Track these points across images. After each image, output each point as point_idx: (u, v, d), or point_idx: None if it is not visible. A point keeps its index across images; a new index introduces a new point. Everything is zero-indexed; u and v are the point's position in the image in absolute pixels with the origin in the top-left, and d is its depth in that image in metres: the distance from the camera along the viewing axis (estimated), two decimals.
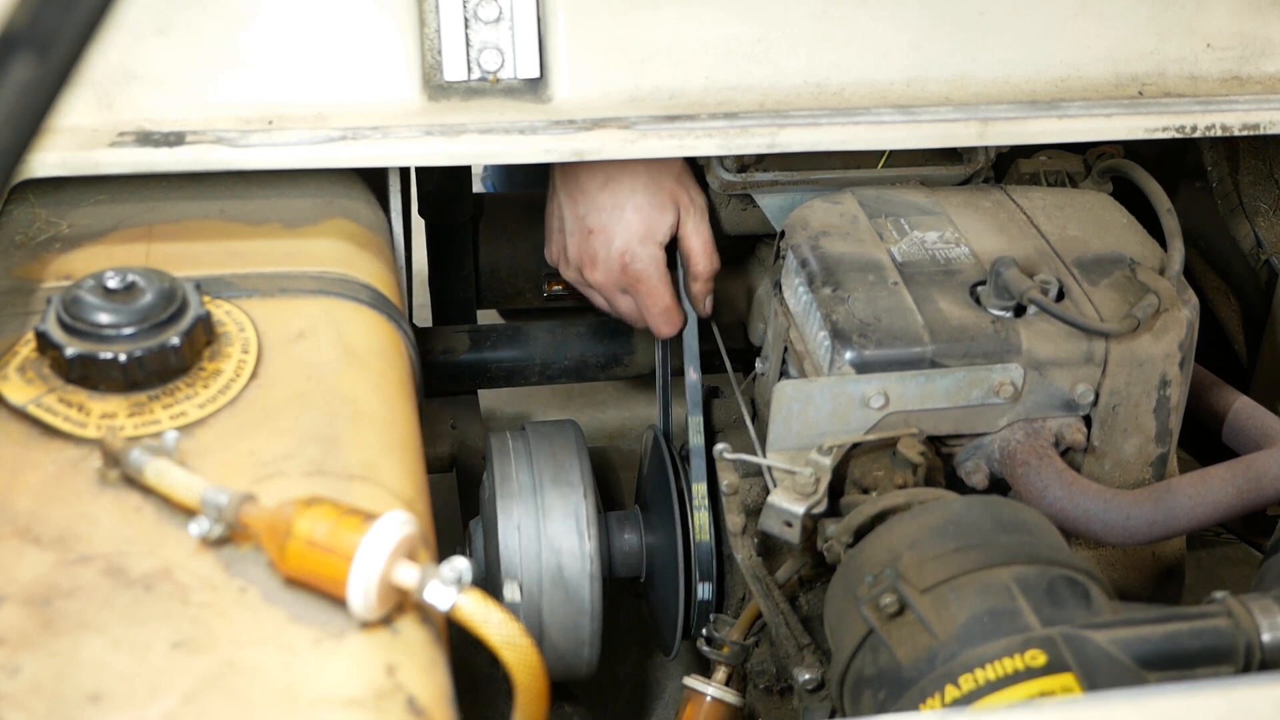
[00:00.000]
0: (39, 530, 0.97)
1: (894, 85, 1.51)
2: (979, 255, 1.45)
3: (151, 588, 0.94)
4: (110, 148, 1.33)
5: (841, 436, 1.34)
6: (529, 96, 1.45)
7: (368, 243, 1.41)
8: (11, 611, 0.91)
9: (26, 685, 0.86)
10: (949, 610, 1.09)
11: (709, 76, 1.48)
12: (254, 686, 0.88)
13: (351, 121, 1.40)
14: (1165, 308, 1.38)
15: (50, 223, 1.36)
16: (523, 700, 0.94)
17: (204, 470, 1.02)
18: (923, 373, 1.34)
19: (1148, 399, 1.39)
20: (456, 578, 0.91)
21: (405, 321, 1.37)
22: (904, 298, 1.38)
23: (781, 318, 1.49)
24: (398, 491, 1.06)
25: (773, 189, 1.61)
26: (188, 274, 1.21)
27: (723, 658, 1.50)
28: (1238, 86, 1.58)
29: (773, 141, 1.43)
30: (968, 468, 1.40)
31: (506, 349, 1.91)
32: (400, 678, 0.90)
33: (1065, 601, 1.09)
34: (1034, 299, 1.34)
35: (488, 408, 2.35)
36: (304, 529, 0.92)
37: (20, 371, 1.12)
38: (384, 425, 1.15)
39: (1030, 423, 1.38)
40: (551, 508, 1.64)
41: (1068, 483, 1.32)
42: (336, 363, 1.18)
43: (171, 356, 1.10)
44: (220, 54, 1.39)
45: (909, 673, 1.07)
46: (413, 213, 1.91)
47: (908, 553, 1.15)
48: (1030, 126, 1.49)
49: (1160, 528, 1.31)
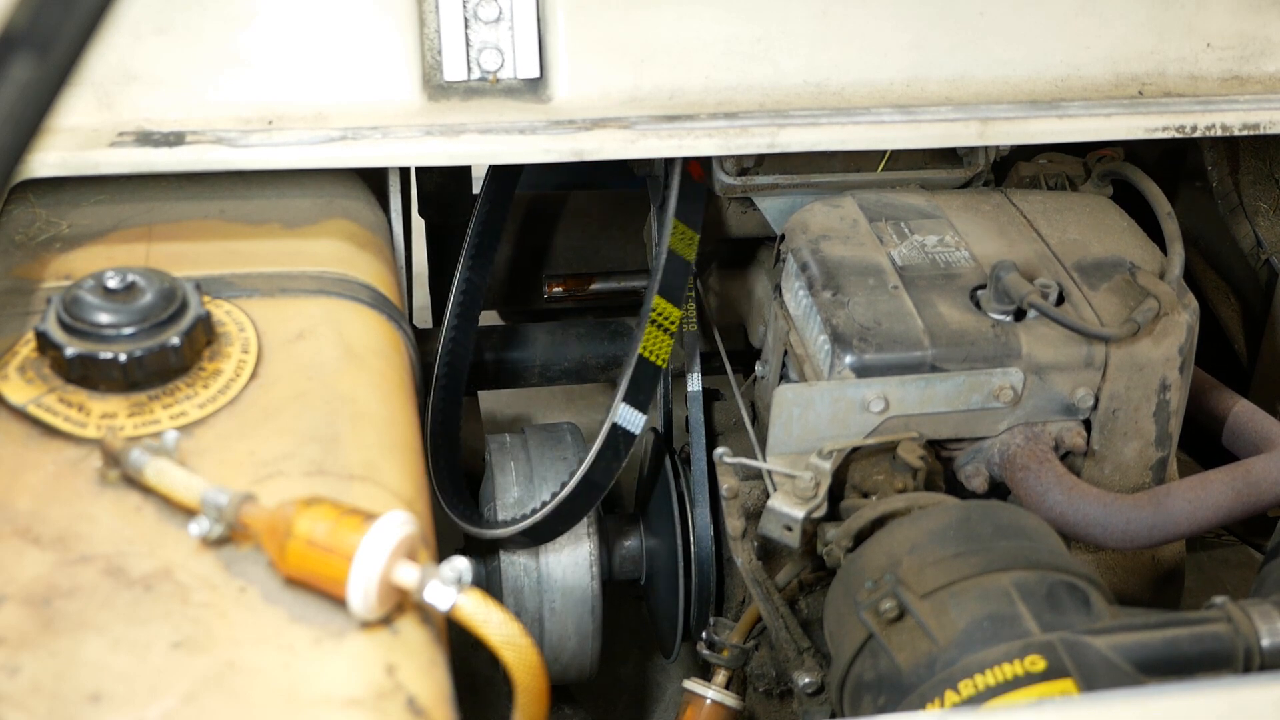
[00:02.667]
0: (39, 530, 0.97)
1: (894, 85, 1.51)
2: (979, 259, 1.45)
3: (151, 588, 0.94)
4: (110, 148, 1.33)
5: (841, 440, 1.34)
6: (529, 96, 1.45)
7: (368, 243, 1.41)
8: (11, 611, 0.91)
9: (26, 685, 0.86)
10: (949, 615, 1.09)
11: (709, 76, 1.48)
12: (254, 686, 0.87)
13: (351, 121, 1.40)
14: (1165, 312, 1.38)
15: (50, 223, 1.36)
16: (523, 700, 0.94)
17: (204, 470, 1.02)
18: (923, 377, 1.33)
19: (1148, 403, 1.39)
20: (456, 578, 0.91)
21: (405, 321, 1.37)
22: (904, 302, 1.38)
23: (781, 321, 1.49)
24: (398, 491, 1.06)
25: (773, 192, 1.61)
26: (188, 274, 1.21)
27: (723, 661, 1.50)
28: (1238, 86, 1.58)
29: (773, 141, 1.43)
30: (967, 472, 1.40)
31: (506, 350, 1.91)
32: (400, 678, 0.90)
33: (1065, 607, 1.09)
34: (1034, 303, 1.34)
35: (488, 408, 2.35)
36: (304, 529, 0.92)
37: (20, 371, 1.12)
38: (384, 425, 1.14)
39: (1030, 427, 1.38)
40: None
41: (1068, 487, 1.32)
42: (336, 363, 1.18)
43: (171, 356, 1.10)
44: (220, 54, 1.39)
45: (909, 678, 1.07)
46: (413, 213, 1.91)
47: (908, 557, 1.15)
48: (1030, 126, 1.49)
49: (1160, 532, 1.31)
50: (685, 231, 1.59)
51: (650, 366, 1.54)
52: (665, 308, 1.56)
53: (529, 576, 1.63)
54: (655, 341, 1.55)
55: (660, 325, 1.56)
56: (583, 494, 1.55)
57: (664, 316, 1.56)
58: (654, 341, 1.55)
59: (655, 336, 1.55)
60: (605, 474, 1.54)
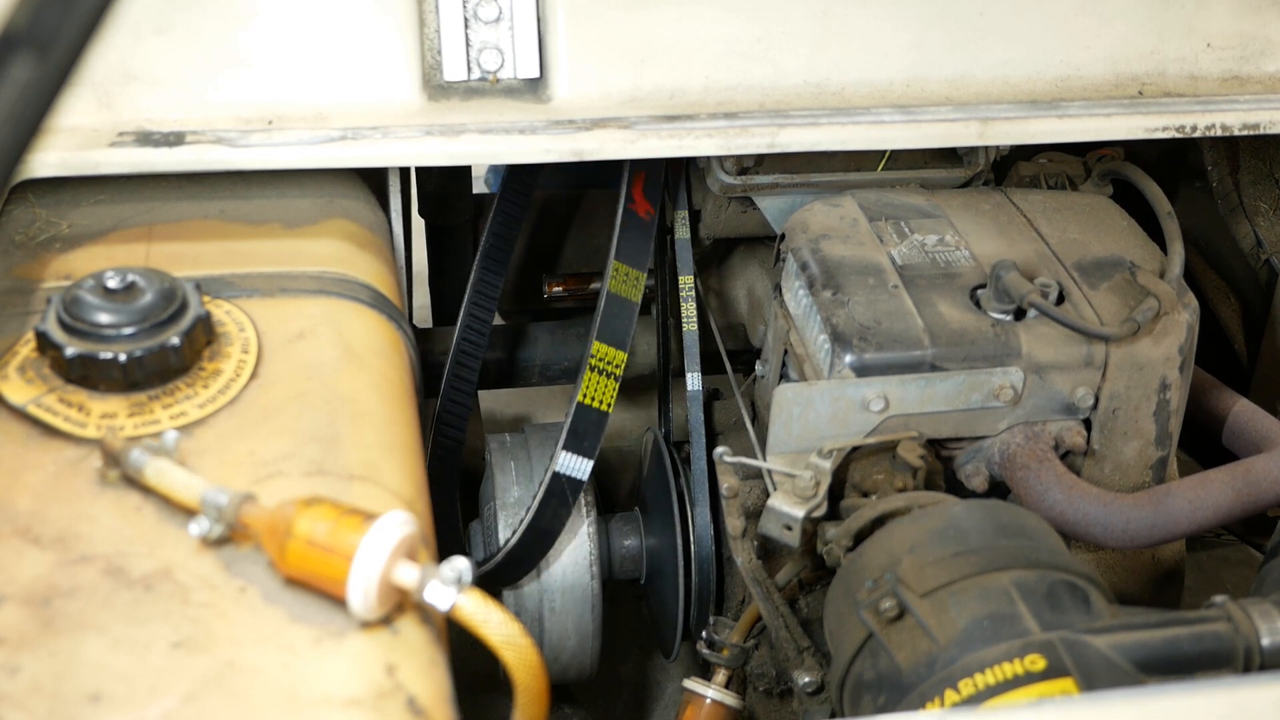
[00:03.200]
0: (39, 530, 0.97)
1: (894, 85, 1.51)
2: (979, 258, 1.45)
3: (151, 588, 0.94)
4: (110, 148, 1.33)
5: (841, 440, 1.34)
6: (529, 96, 1.45)
7: (368, 243, 1.41)
8: (11, 611, 0.91)
9: (26, 685, 0.86)
10: (949, 615, 1.09)
11: (709, 76, 1.48)
12: (254, 686, 0.87)
13: (351, 121, 1.40)
14: (1165, 311, 1.38)
15: (50, 223, 1.36)
16: (523, 700, 0.94)
17: (204, 470, 1.02)
18: (923, 376, 1.33)
19: (1148, 403, 1.39)
20: (456, 578, 0.91)
21: (405, 321, 1.37)
22: (904, 301, 1.38)
23: (781, 321, 1.49)
24: (398, 491, 1.06)
25: (773, 191, 1.61)
26: (188, 274, 1.21)
27: (722, 660, 1.50)
28: (1238, 86, 1.58)
29: (773, 141, 1.43)
30: (967, 471, 1.40)
31: (506, 349, 1.91)
32: (400, 678, 0.90)
33: (1065, 606, 1.09)
34: (1034, 302, 1.34)
35: (488, 408, 2.34)
36: (304, 529, 0.92)
37: (20, 371, 1.12)
38: (384, 425, 1.14)
39: (1030, 426, 1.38)
40: None
41: (1067, 486, 1.32)
42: (336, 363, 1.18)
43: (171, 356, 1.10)
44: (220, 54, 1.39)
45: (909, 677, 1.07)
46: (413, 213, 1.91)
47: (908, 557, 1.15)
48: (1030, 126, 1.49)
49: (1160, 531, 1.31)
50: (629, 273, 1.56)
51: (593, 413, 1.52)
52: (607, 352, 1.53)
53: (529, 576, 1.63)
54: (597, 387, 1.52)
55: (602, 370, 1.53)
56: (533, 542, 1.54)
57: (606, 361, 1.53)
58: (595, 387, 1.52)
59: (597, 382, 1.52)
60: (555, 520, 1.53)
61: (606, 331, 1.55)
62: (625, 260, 1.57)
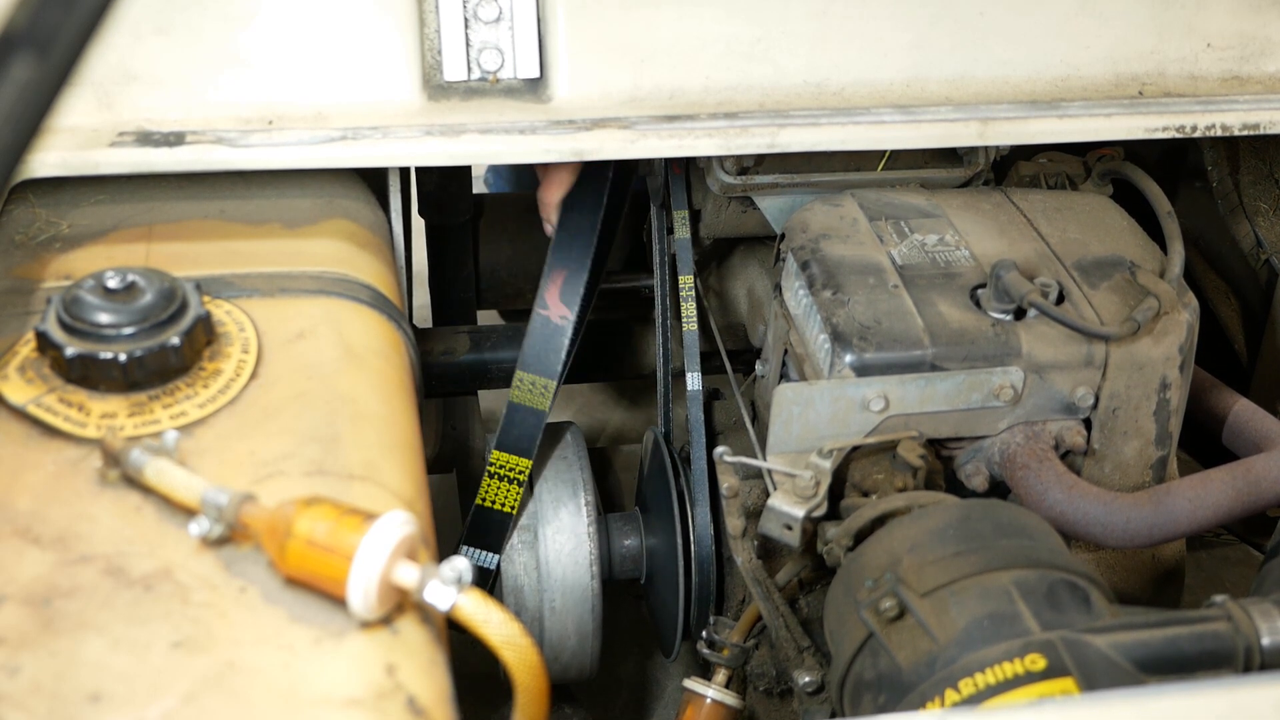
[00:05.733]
0: (39, 530, 0.97)
1: (894, 85, 1.51)
2: (979, 258, 1.45)
3: (151, 588, 0.94)
4: (110, 148, 1.33)
5: (841, 439, 1.35)
6: (529, 96, 1.45)
7: (368, 243, 1.41)
8: (11, 611, 0.91)
9: (26, 685, 0.86)
10: (949, 614, 1.09)
11: (709, 76, 1.48)
12: (254, 686, 0.87)
13: (351, 121, 1.40)
14: (1165, 311, 1.38)
15: (50, 223, 1.36)
16: (523, 700, 0.94)
17: (204, 470, 1.02)
18: (923, 376, 1.33)
19: (1148, 402, 1.39)
20: (456, 578, 0.91)
21: (405, 321, 1.37)
22: (904, 301, 1.38)
23: (781, 320, 1.49)
24: (398, 491, 1.06)
25: (773, 191, 1.61)
26: (188, 274, 1.21)
27: (723, 660, 1.50)
28: (1238, 86, 1.58)
29: (773, 141, 1.43)
30: (968, 470, 1.40)
31: (506, 349, 1.91)
32: (400, 678, 0.90)
33: (1065, 605, 1.09)
34: (1034, 302, 1.34)
35: (488, 408, 2.35)
36: (304, 529, 0.92)
37: (20, 371, 1.12)
38: (384, 425, 1.14)
39: (1030, 426, 1.38)
40: (551, 510, 1.64)
41: (1068, 486, 1.32)
42: (336, 363, 1.18)
43: (171, 356, 1.10)
44: (220, 54, 1.39)
45: (909, 676, 1.07)
46: (413, 213, 1.91)
47: (908, 556, 1.15)
48: (1030, 126, 1.49)
49: (1160, 531, 1.31)
50: (535, 381, 1.52)
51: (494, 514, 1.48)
52: (509, 460, 1.49)
53: (529, 576, 1.63)
54: (498, 491, 1.48)
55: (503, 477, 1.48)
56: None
57: (508, 469, 1.48)
58: (496, 492, 1.48)
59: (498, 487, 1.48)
60: None
61: (508, 440, 1.51)
62: (532, 370, 1.52)
